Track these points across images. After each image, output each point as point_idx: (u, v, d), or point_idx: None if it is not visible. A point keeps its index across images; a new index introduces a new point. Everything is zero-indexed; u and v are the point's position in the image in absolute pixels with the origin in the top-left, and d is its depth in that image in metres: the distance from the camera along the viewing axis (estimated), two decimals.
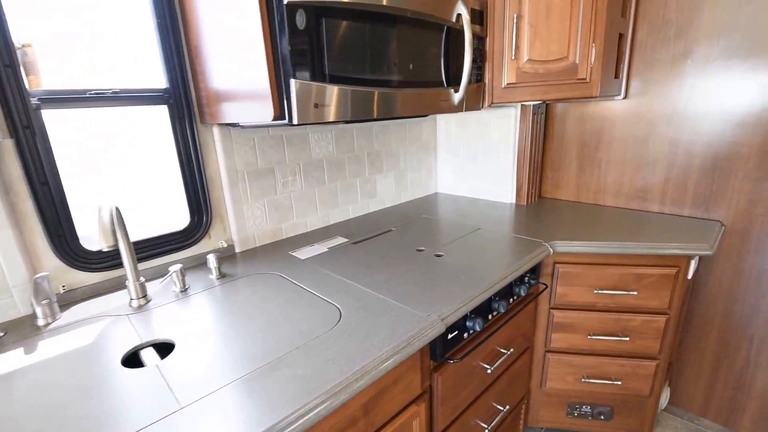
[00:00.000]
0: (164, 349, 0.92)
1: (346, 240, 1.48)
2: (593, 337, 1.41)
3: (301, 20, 0.94)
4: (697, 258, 1.38)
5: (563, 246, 1.34)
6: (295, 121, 0.98)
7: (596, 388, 1.47)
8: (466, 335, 1.12)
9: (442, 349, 1.04)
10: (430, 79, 1.26)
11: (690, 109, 1.46)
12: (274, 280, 1.21)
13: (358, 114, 1.09)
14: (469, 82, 1.38)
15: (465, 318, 1.10)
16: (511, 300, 1.27)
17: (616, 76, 1.51)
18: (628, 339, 1.39)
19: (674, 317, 1.36)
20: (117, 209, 1.06)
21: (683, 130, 1.49)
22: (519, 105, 1.69)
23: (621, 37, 1.48)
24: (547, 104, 1.79)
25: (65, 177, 1.11)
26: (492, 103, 1.46)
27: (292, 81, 0.95)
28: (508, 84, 1.42)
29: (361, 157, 1.73)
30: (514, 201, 1.82)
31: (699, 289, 1.58)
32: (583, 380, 1.46)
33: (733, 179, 1.43)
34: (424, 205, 1.88)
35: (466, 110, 1.39)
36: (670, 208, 1.58)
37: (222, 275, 1.27)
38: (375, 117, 1.13)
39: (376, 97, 1.11)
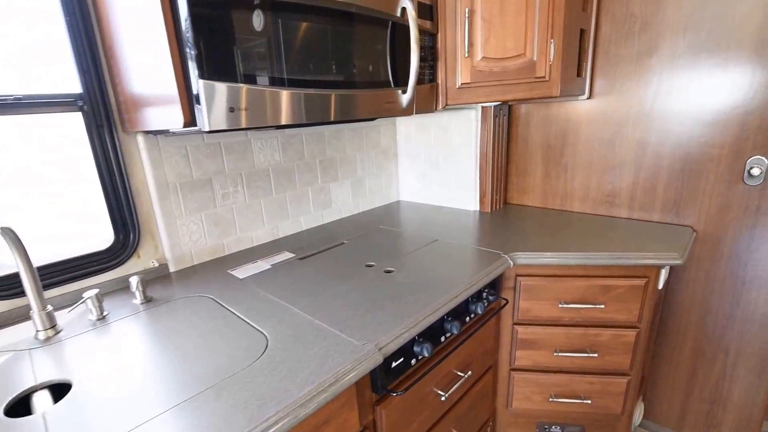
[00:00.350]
0: (62, 390, 0.78)
1: (292, 255, 1.35)
2: (560, 354, 1.30)
3: (209, 12, 0.81)
4: (667, 267, 1.28)
5: (525, 258, 1.22)
6: (205, 128, 0.85)
7: (565, 408, 1.36)
8: (413, 361, 0.99)
9: (384, 381, 0.92)
10: (375, 79, 1.14)
11: (657, 108, 1.36)
12: (203, 304, 1.08)
13: (284, 118, 0.96)
14: (419, 82, 1.27)
15: (412, 342, 0.98)
16: (468, 318, 1.15)
17: (579, 75, 1.41)
18: (596, 355, 1.28)
19: (645, 331, 1.26)
20: (11, 230, 0.91)
21: (651, 130, 1.39)
22: (479, 107, 1.58)
23: (583, 32, 1.38)
24: (510, 106, 1.69)
25: None
26: (447, 104, 1.34)
27: (201, 82, 0.82)
28: (462, 84, 1.30)
29: (312, 165, 1.60)
30: (478, 208, 1.71)
31: (671, 298, 1.48)
32: (551, 399, 1.35)
33: (704, 182, 1.33)
34: (384, 215, 1.76)
35: (417, 113, 1.28)
36: (639, 214, 1.47)
37: (147, 299, 1.13)
38: (307, 122, 1.00)
39: (305, 100, 0.98)
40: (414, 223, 1.61)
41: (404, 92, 1.20)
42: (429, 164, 1.83)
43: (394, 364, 0.93)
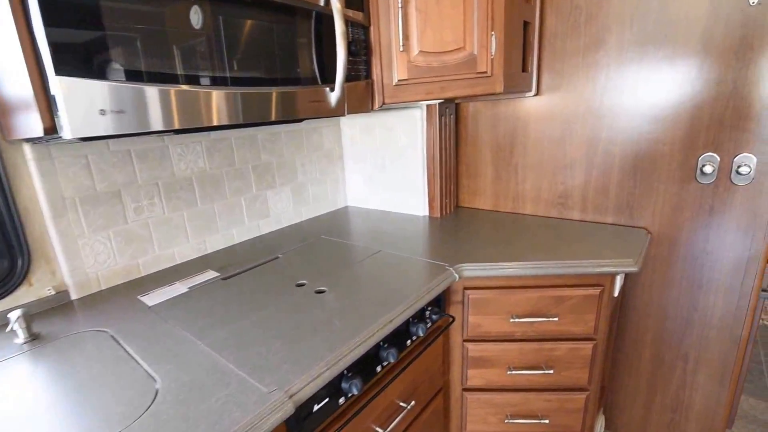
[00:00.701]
0: None
1: (216, 275, 1.18)
2: (514, 372, 1.18)
3: None
4: (623, 274, 1.19)
5: (472, 270, 1.10)
6: (67, 135, 0.68)
7: (523, 428, 1.24)
8: (342, 400, 0.85)
9: (305, 427, 0.77)
10: (296, 75, 1.00)
11: (606, 103, 1.27)
12: (97, 341, 0.90)
13: (179, 121, 0.80)
14: (351, 78, 1.13)
15: (340, 377, 0.83)
16: (409, 342, 1.01)
17: (525, 70, 1.31)
18: (552, 371, 1.17)
19: (602, 342, 1.16)
20: None
21: (600, 127, 1.30)
22: (424, 105, 1.46)
23: (527, 24, 1.28)
24: (456, 104, 1.57)
25: None
26: (384, 103, 1.21)
27: (57, 80, 0.66)
28: (399, 81, 1.17)
29: (244, 172, 1.43)
30: (427, 213, 1.59)
31: (628, 304, 1.39)
32: (507, 420, 1.23)
33: (657, 181, 1.25)
34: (329, 223, 1.61)
35: (350, 113, 1.13)
36: (592, 215, 1.38)
37: (32, 337, 0.94)
38: (208, 125, 0.84)
39: (203, 99, 0.82)
40: (359, 231, 1.47)
41: (332, 90, 1.06)
42: (376, 168, 1.70)
43: (317, 407, 0.79)
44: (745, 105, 1.08)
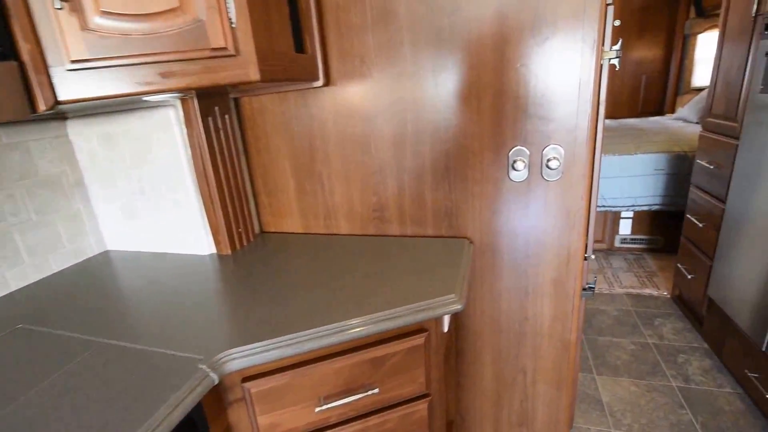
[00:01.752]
0: None
1: None
2: None
3: None
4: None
5: (243, 357, 0.68)
6: None
7: None
8: None
9: None
10: None
11: (409, 92, 0.98)
12: None
13: None
14: None
15: None
16: None
17: (303, 51, 0.92)
18: None
19: (439, 392, 0.88)
20: None
21: (406, 122, 1.01)
22: (177, 103, 0.97)
23: None
24: (236, 99, 1.12)
25: None
26: (58, 102, 0.67)
27: None
28: (74, 62, 0.66)
29: None
30: (213, 250, 1.11)
31: (463, 324, 1.17)
32: None
33: (471, 182, 1.02)
34: (52, 291, 0.99)
35: None
36: (412, 229, 1.11)
37: None
38: None
39: None
40: (96, 299, 0.90)
41: None
42: (133, 193, 1.13)
43: None
44: (548, 90, 0.89)
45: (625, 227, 2.88)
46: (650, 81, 4.49)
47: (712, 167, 1.80)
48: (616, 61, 0.87)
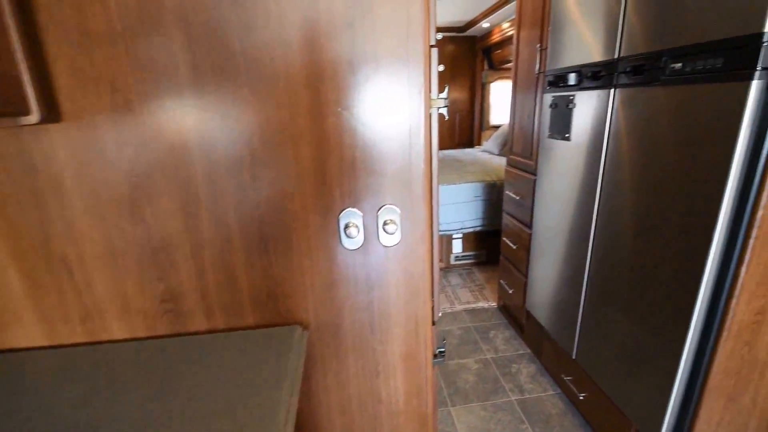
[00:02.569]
0: None
1: None
2: None
3: None
4: None
5: None
6: None
7: None
8: None
9: None
10: None
11: (194, 135, 0.67)
12: None
13: None
14: None
15: None
16: None
17: None
18: None
19: None
20: None
21: (193, 177, 0.69)
22: None
23: None
24: None
25: None
26: None
27: None
28: None
29: None
30: None
31: (306, 421, 0.89)
32: None
33: (296, 253, 0.76)
34: None
35: None
36: (226, 320, 0.78)
37: None
38: None
39: None
40: None
41: None
42: None
43: None
44: (377, 140, 0.71)
45: (458, 246, 3.10)
46: (462, 118, 5.16)
47: (518, 198, 2.00)
48: (444, 110, 0.75)
